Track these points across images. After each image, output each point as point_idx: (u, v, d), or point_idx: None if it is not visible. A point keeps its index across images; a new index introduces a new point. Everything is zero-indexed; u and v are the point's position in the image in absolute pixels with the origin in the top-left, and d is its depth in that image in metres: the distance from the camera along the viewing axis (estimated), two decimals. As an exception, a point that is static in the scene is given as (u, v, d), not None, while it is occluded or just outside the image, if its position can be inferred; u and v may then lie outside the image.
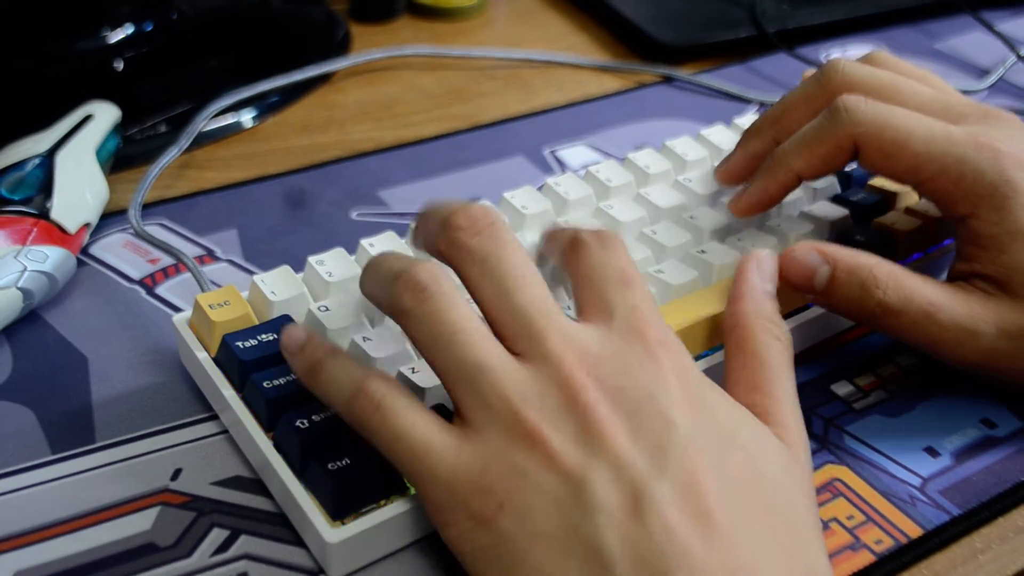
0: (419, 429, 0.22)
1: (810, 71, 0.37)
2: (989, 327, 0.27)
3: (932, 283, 0.28)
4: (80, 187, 0.34)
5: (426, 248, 0.25)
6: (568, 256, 0.26)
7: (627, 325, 0.23)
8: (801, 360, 0.32)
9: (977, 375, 0.29)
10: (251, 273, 0.35)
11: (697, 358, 0.29)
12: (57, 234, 0.33)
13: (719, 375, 0.26)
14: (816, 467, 0.28)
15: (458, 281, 0.24)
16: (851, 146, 0.29)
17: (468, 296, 0.24)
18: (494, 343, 0.23)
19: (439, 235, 0.24)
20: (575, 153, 0.43)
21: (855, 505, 0.27)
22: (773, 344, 0.25)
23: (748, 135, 0.33)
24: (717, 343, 0.29)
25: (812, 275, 0.28)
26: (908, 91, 0.30)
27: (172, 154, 0.38)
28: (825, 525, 0.26)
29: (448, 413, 0.25)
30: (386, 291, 0.24)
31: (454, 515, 0.22)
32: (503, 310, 0.23)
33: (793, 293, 0.29)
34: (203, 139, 0.42)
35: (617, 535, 0.20)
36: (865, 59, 0.33)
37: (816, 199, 0.36)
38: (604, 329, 0.23)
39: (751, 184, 0.31)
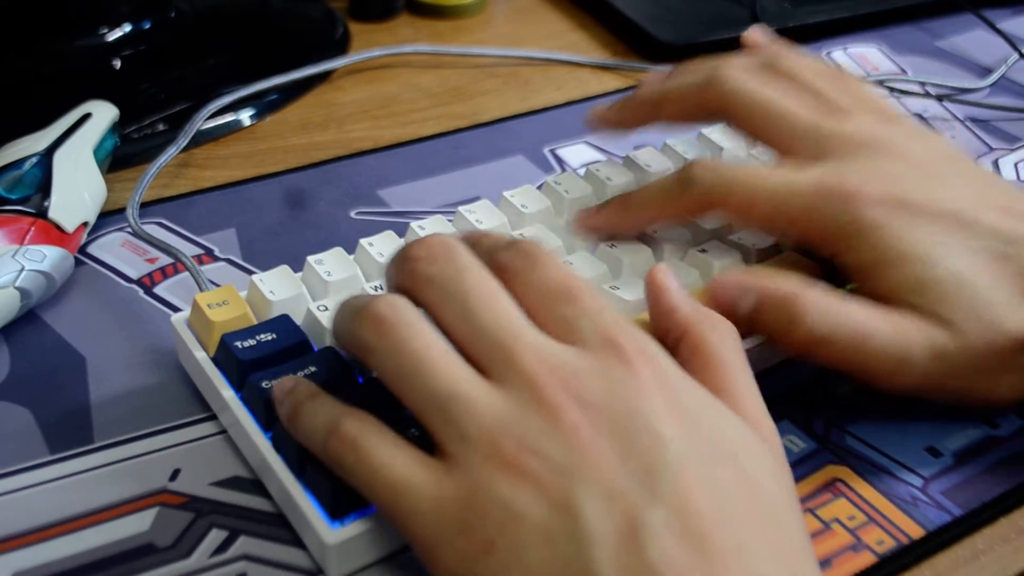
0: (397, 465, 0.21)
1: (752, 31, 0.37)
2: (917, 348, 0.26)
3: (862, 307, 0.27)
4: (78, 186, 0.34)
5: (391, 288, 0.25)
6: (499, 278, 0.24)
7: (597, 338, 0.22)
8: (801, 360, 0.31)
9: (916, 399, 0.28)
10: (250, 272, 0.34)
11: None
12: (55, 233, 0.32)
13: None
14: (817, 467, 0.28)
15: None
16: (704, 208, 0.30)
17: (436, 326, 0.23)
18: (464, 368, 0.22)
19: (399, 272, 0.24)
20: (575, 152, 0.43)
21: (856, 506, 0.27)
22: (726, 342, 0.25)
23: (629, 101, 0.34)
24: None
25: (736, 305, 0.28)
26: (782, 116, 0.30)
27: (170, 153, 0.38)
28: (826, 526, 0.26)
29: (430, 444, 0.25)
30: (348, 330, 0.23)
31: (442, 552, 0.21)
32: (469, 332, 0.22)
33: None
34: (201, 138, 0.41)
35: (614, 566, 0.19)
36: (764, 65, 0.32)
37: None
38: (576, 345, 0.22)
39: (600, 210, 0.32)
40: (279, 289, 0.29)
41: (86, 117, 0.36)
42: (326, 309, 0.28)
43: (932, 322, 0.27)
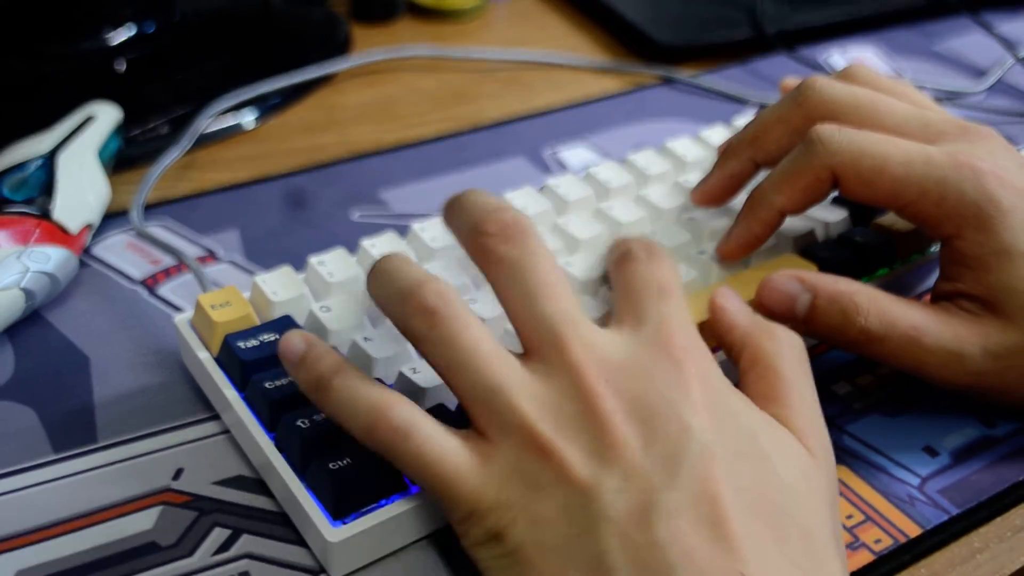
0: (448, 458, 0.22)
1: (791, 80, 0.37)
2: (975, 348, 0.27)
3: (916, 306, 0.28)
4: (82, 188, 0.34)
5: (457, 242, 0.26)
6: (616, 266, 0.26)
7: (654, 333, 0.23)
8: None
9: (966, 397, 0.29)
10: (252, 273, 0.35)
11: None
12: (59, 235, 0.33)
13: (726, 372, 0.26)
14: (815, 467, 0.28)
15: (486, 285, 0.24)
16: (830, 177, 0.29)
17: (479, 311, 0.24)
18: (509, 360, 0.23)
19: (469, 238, 0.25)
20: (575, 154, 0.43)
21: (854, 504, 0.27)
22: (783, 352, 0.25)
23: (725, 156, 0.33)
24: (715, 344, 0.29)
25: (792, 303, 0.28)
26: (886, 109, 0.30)
27: (174, 155, 0.38)
28: (824, 524, 0.26)
29: (449, 414, 0.25)
30: (397, 311, 0.24)
31: (473, 528, 0.22)
32: (528, 317, 0.23)
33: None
34: (204, 140, 0.42)
35: (622, 544, 0.20)
36: (842, 74, 0.32)
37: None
38: (630, 337, 0.23)
39: (734, 226, 0.31)
40: (281, 290, 0.29)
41: (90, 119, 0.37)
42: (329, 310, 0.29)
43: (994, 323, 0.27)
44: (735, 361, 0.26)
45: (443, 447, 0.22)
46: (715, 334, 0.27)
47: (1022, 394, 0.28)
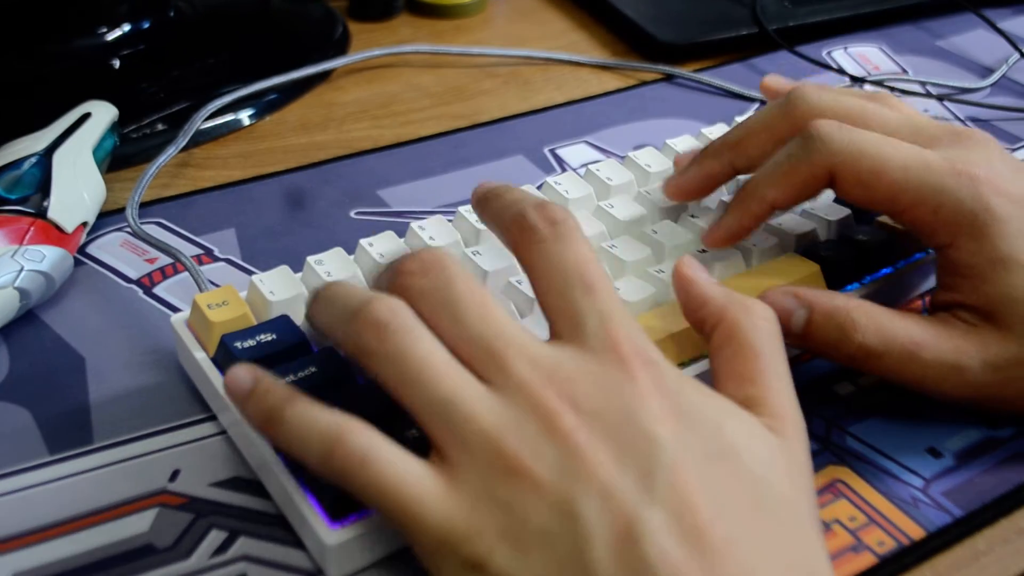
0: (408, 484, 0.21)
1: (770, 79, 0.36)
2: (974, 361, 0.27)
3: (913, 320, 0.28)
4: (77, 186, 0.34)
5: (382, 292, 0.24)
6: (517, 242, 0.24)
7: (598, 339, 0.22)
8: (802, 361, 0.31)
9: (967, 408, 0.28)
10: (249, 273, 0.34)
11: (693, 361, 0.28)
12: (54, 233, 0.32)
13: (708, 382, 0.25)
14: (818, 468, 0.28)
15: None
16: (826, 175, 0.28)
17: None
18: (463, 375, 0.22)
19: (391, 282, 0.24)
20: (575, 152, 0.43)
21: (857, 506, 0.27)
22: (760, 326, 0.24)
23: (705, 155, 0.32)
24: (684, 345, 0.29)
25: (788, 318, 0.28)
26: (876, 118, 0.30)
27: (170, 153, 0.38)
28: (827, 526, 0.26)
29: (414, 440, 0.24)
30: (344, 331, 0.23)
31: (447, 561, 0.21)
32: (463, 340, 0.22)
33: None
34: (201, 138, 0.41)
35: (612, 564, 0.19)
36: (824, 88, 0.32)
37: (817, 198, 0.36)
38: (575, 347, 0.22)
39: (724, 215, 0.31)
40: (279, 289, 0.29)
41: (85, 117, 0.36)
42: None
43: (992, 334, 0.27)
44: (707, 336, 0.25)
45: (404, 472, 0.21)
46: (683, 305, 0.26)
47: (1022, 406, 0.28)
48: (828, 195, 0.36)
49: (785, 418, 0.23)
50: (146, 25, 0.45)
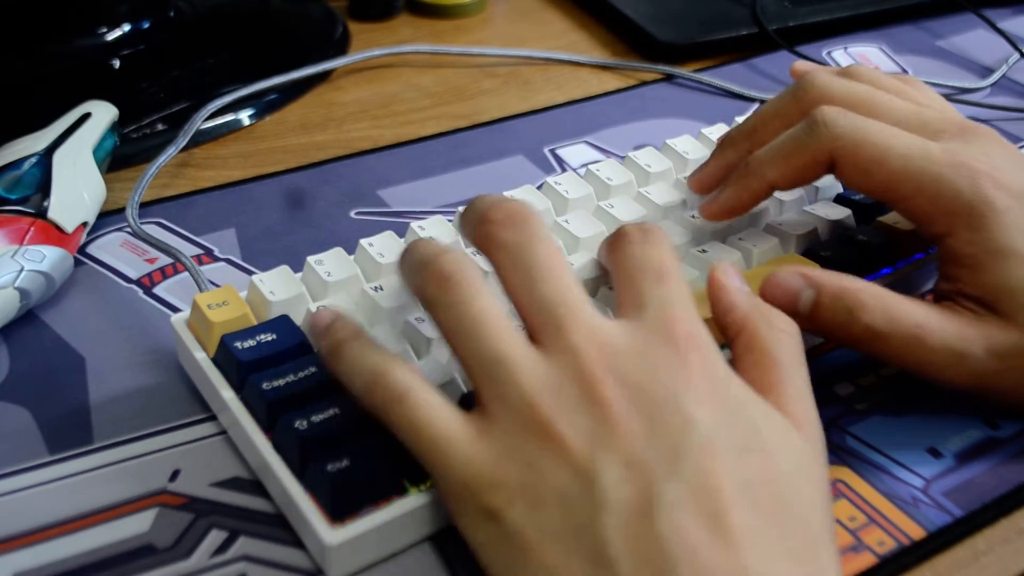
0: (440, 420, 0.22)
1: (801, 64, 0.37)
2: (978, 348, 0.27)
3: (920, 305, 0.28)
4: (77, 186, 0.34)
5: (466, 238, 0.26)
6: (611, 248, 0.26)
7: (657, 320, 0.23)
8: (816, 354, 0.31)
9: (968, 396, 0.29)
10: (249, 273, 0.34)
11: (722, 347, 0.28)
12: (54, 233, 0.32)
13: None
14: (818, 468, 0.28)
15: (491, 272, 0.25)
16: (828, 160, 0.29)
17: (499, 289, 0.24)
18: (515, 335, 0.23)
19: (476, 228, 0.25)
20: (575, 152, 0.43)
21: (857, 506, 0.27)
22: (781, 339, 0.25)
23: (722, 146, 0.33)
24: (720, 342, 0.29)
25: (796, 299, 0.28)
26: (884, 107, 0.30)
27: (170, 153, 0.38)
28: (827, 526, 0.26)
29: (467, 406, 0.25)
30: (415, 278, 0.24)
31: (467, 506, 0.22)
32: (529, 300, 0.23)
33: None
34: (201, 138, 0.41)
35: (623, 535, 0.20)
36: (843, 72, 0.32)
37: (818, 198, 0.36)
38: (633, 324, 0.23)
39: (723, 190, 0.31)
40: (279, 290, 0.29)
41: (85, 117, 0.36)
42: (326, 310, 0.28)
43: (996, 322, 0.27)
44: (730, 342, 0.26)
45: (438, 413, 0.22)
46: (712, 310, 0.26)
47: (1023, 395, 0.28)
48: (828, 195, 0.36)
49: (806, 427, 0.23)
50: (146, 25, 0.45)
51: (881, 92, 0.31)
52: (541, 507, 0.21)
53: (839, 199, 0.36)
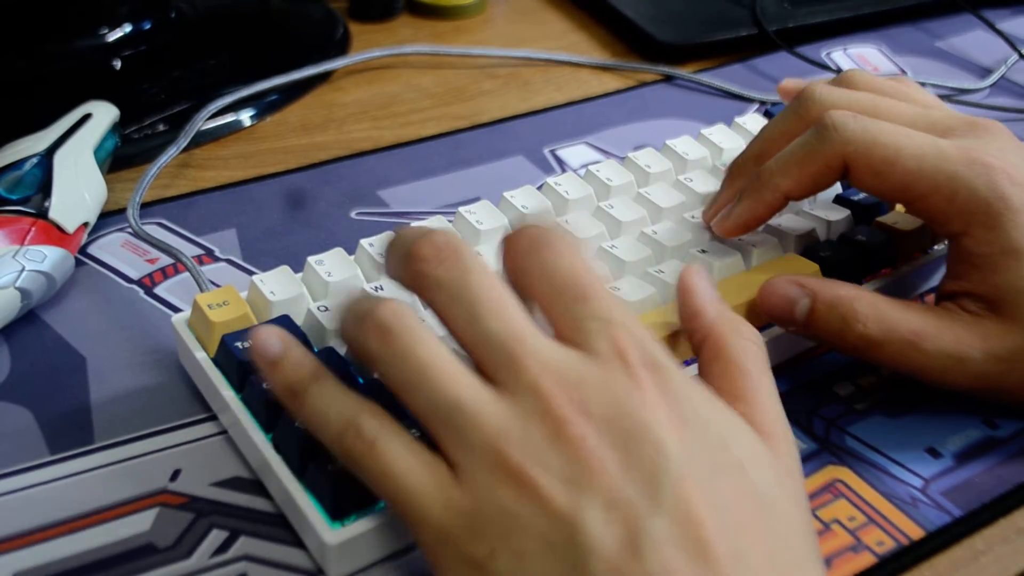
0: (412, 473, 0.21)
1: (788, 82, 0.37)
2: (976, 352, 0.27)
3: (916, 311, 0.28)
4: (78, 186, 0.34)
5: (394, 280, 0.24)
6: (506, 262, 0.24)
7: (604, 345, 0.22)
8: (802, 361, 0.32)
9: (968, 397, 0.29)
10: (250, 273, 0.34)
11: (693, 360, 0.28)
12: (55, 234, 0.32)
13: None
14: (817, 468, 0.28)
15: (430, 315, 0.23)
16: (840, 165, 0.28)
17: (442, 332, 0.23)
18: (468, 377, 0.22)
19: (403, 267, 0.23)
20: (575, 152, 0.43)
21: (856, 506, 0.27)
22: (749, 348, 0.24)
23: (732, 173, 0.32)
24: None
25: (792, 307, 0.28)
26: (888, 112, 0.30)
27: (171, 153, 0.38)
28: (826, 526, 0.26)
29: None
30: (354, 335, 0.23)
31: (447, 559, 0.21)
32: (476, 338, 0.22)
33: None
34: (202, 138, 0.41)
35: None
36: (839, 80, 0.32)
37: (817, 198, 0.36)
38: (582, 351, 0.22)
39: (737, 204, 0.31)
40: (279, 290, 0.29)
41: (86, 117, 0.36)
42: (327, 309, 0.28)
43: (996, 325, 0.27)
44: (695, 347, 0.25)
45: (409, 462, 0.21)
46: (679, 313, 0.26)
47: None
48: (827, 196, 0.36)
49: (778, 438, 0.23)
50: (147, 26, 0.45)
51: (881, 98, 0.30)
52: (525, 556, 0.20)
53: (838, 200, 0.36)
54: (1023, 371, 0.27)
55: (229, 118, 0.42)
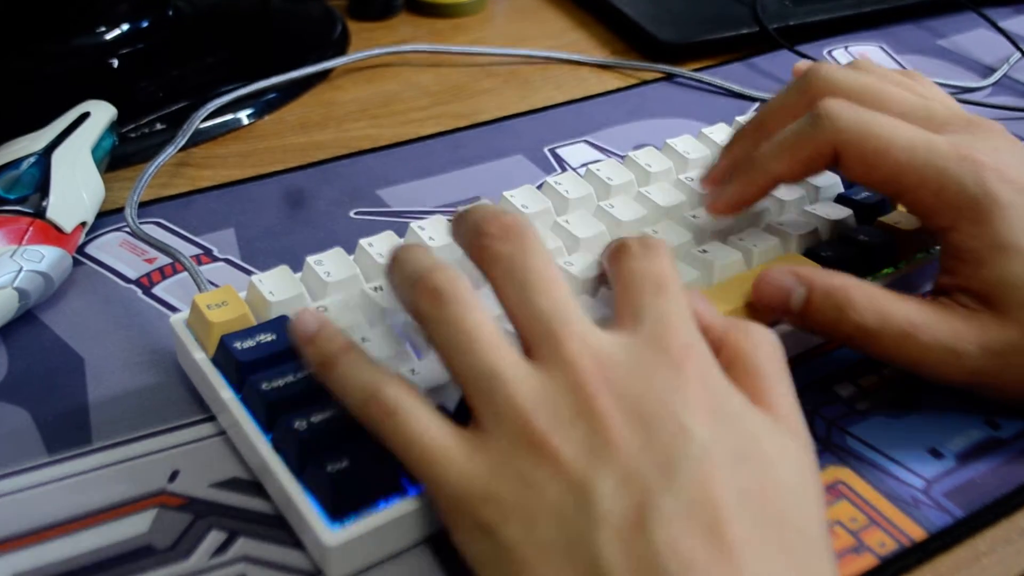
0: (432, 435, 0.22)
1: (803, 63, 0.37)
2: (972, 346, 0.27)
3: (912, 302, 0.28)
4: (76, 186, 0.34)
5: (459, 247, 0.26)
6: (611, 259, 0.26)
7: (653, 332, 0.23)
8: (803, 361, 0.31)
9: (965, 392, 0.28)
10: (249, 273, 0.34)
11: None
12: (53, 233, 0.32)
13: None
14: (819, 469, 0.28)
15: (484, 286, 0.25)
16: (831, 152, 0.29)
17: (492, 302, 0.24)
18: (509, 349, 0.23)
19: (471, 240, 0.25)
20: (575, 151, 0.43)
21: (858, 507, 0.27)
22: (764, 349, 0.25)
23: (732, 141, 0.33)
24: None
25: (787, 297, 0.28)
26: (890, 98, 0.30)
27: (168, 152, 0.38)
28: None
29: (463, 416, 0.25)
30: (407, 295, 0.24)
31: (462, 520, 0.22)
32: (524, 313, 0.23)
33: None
34: (200, 137, 0.41)
35: (617, 547, 0.20)
36: (849, 65, 0.32)
37: (819, 198, 0.36)
38: (629, 336, 0.23)
39: (729, 185, 0.31)
40: (278, 290, 0.29)
41: (84, 116, 0.36)
42: (326, 310, 0.28)
43: (992, 319, 0.27)
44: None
45: (429, 427, 0.22)
46: None
47: (1020, 391, 0.28)
48: (829, 195, 0.36)
49: (798, 434, 0.23)
50: (145, 24, 0.45)
51: (887, 84, 0.30)
52: (536, 522, 0.20)
53: (840, 199, 0.35)
54: (1017, 367, 0.27)
55: (227, 117, 0.42)
